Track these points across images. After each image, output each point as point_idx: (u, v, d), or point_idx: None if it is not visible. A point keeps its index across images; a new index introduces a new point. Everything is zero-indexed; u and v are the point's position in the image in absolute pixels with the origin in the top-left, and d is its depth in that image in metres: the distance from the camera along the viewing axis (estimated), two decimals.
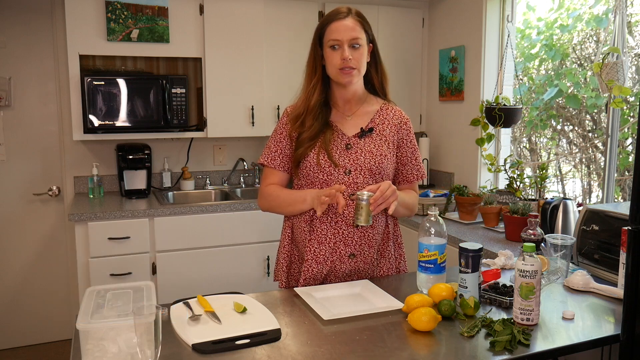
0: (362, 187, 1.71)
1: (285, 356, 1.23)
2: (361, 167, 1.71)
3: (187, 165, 3.59)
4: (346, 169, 1.71)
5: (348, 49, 1.67)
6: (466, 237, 2.53)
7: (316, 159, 1.71)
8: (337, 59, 1.68)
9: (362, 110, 1.79)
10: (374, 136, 1.76)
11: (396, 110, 1.84)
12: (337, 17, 1.69)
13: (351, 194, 1.70)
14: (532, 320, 1.37)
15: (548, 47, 3.35)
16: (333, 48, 1.68)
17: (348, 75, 1.69)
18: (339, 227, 1.71)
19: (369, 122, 1.78)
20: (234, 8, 3.25)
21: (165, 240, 2.93)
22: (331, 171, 1.71)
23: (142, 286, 1.37)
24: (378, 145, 1.75)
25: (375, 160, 1.72)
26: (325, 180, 1.71)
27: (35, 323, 3.43)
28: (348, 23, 1.68)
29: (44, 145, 3.36)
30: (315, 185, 1.73)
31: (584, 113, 3.34)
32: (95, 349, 1.16)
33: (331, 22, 1.69)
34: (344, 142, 1.74)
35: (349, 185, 1.71)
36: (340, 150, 1.72)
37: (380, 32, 3.60)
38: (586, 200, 3.31)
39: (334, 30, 1.68)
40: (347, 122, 1.77)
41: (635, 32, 2.97)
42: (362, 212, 1.55)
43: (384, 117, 1.80)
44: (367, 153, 1.73)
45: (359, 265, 1.75)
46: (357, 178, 1.71)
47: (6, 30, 3.19)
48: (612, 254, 1.76)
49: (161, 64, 3.42)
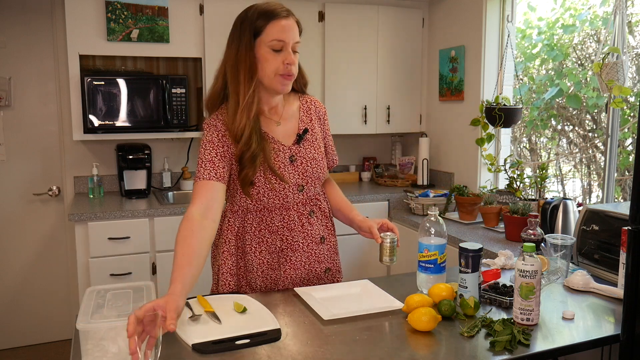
0: (315, 200, 1.69)
1: (285, 356, 1.23)
2: (312, 179, 1.65)
3: (187, 165, 3.59)
4: (299, 185, 1.63)
5: (291, 52, 1.51)
6: (466, 237, 2.53)
7: (265, 180, 1.56)
8: (277, 62, 1.50)
9: (287, 113, 1.66)
10: (309, 137, 1.66)
11: (315, 102, 1.74)
12: (281, 14, 1.50)
13: (310, 211, 1.68)
14: (532, 320, 1.37)
15: (549, 47, 3.35)
16: (274, 50, 1.50)
17: (287, 83, 1.54)
18: (310, 248, 1.68)
19: (300, 123, 1.67)
20: (234, 8, 3.20)
21: (165, 240, 2.92)
22: (287, 192, 1.61)
23: (142, 286, 1.37)
24: (316, 147, 1.67)
25: (319, 166, 1.66)
26: (283, 205, 1.62)
27: (35, 323, 3.43)
28: (292, 23, 1.52)
29: (44, 145, 3.36)
30: (272, 211, 1.62)
31: (584, 113, 3.34)
32: (95, 349, 1.16)
33: (274, 19, 1.49)
34: (287, 154, 1.61)
35: (304, 204, 1.66)
36: (286, 167, 1.61)
37: (380, 32, 3.60)
38: (586, 200, 3.31)
39: (279, 29, 1.49)
40: (279, 129, 1.63)
41: (636, 32, 2.97)
42: (394, 252, 1.61)
43: (308, 112, 1.70)
44: (312, 161, 1.64)
45: (334, 275, 1.77)
46: (309, 192, 1.67)
47: (6, 30, 3.19)
48: (612, 254, 1.76)
49: (161, 64, 3.42)
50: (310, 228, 1.68)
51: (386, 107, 3.68)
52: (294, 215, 1.66)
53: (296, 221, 1.66)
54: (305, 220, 1.68)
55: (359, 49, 3.55)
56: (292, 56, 1.51)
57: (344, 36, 3.50)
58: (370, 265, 3.26)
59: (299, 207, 1.67)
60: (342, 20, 3.50)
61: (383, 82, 3.66)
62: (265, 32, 1.50)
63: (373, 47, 3.60)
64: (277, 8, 1.51)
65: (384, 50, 3.64)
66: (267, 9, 1.51)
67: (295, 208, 1.66)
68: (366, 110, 3.61)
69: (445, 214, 2.99)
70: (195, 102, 3.45)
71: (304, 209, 1.67)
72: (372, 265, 3.25)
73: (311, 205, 1.69)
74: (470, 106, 3.34)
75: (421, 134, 3.77)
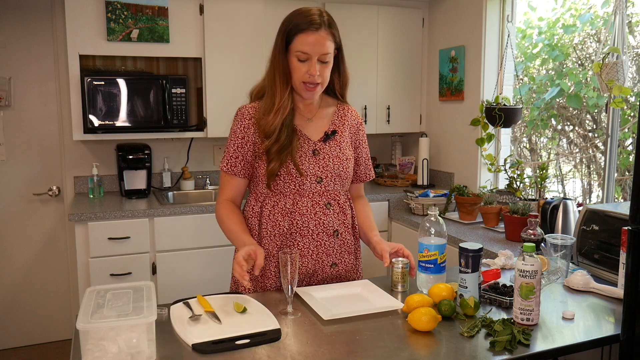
0: (334, 194, 1.71)
1: (285, 356, 1.23)
2: (331, 174, 1.68)
3: (187, 165, 3.59)
4: (317, 177, 1.67)
5: (316, 63, 1.57)
6: (466, 237, 2.53)
7: (286, 169, 1.64)
8: (302, 71, 1.58)
9: (321, 112, 1.74)
10: (337, 138, 1.72)
11: (352, 111, 1.81)
12: (310, 28, 1.55)
13: (327, 202, 1.69)
14: (532, 320, 1.37)
15: (549, 46, 3.35)
16: (300, 60, 1.58)
17: (311, 91, 1.62)
18: (320, 238, 1.69)
19: (330, 124, 1.73)
20: (234, 8, 3.25)
21: (165, 240, 2.92)
22: (303, 181, 1.66)
23: (142, 286, 1.37)
24: (342, 148, 1.72)
25: (342, 165, 1.70)
26: (298, 191, 1.67)
27: (35, 323, 3.43)
28: (321, 36, 1.56)
29: (44, 145, 3.36)
30: (287, 196, 1.67)
31: (584, 113, 3.33)
32: (95, 349, 1.16)
33: (302, 32, 1.56)
34: (311, 148, 1.68)
35: (321, 195, 1.69)
36: (308, 157, 1.67)
37: (380, 32, 3.60)
38: (586, 200, 3.31)
39: (304, 42, 1.56)
40: (309, 125, 1.71)
41: (636, 32, 2.97)
42: (405, 278, 1.64)
43: (342, 118, 1.76)
44: (335, 158, 1.69)
45: (340, 273, 1.76)
46: (328, 186, 1.69)
47: (6, 31, 3.20)
48: (612, 254, 1.76)
49: (161, 64, 3.42)
50: (324, 218, 1.69)
51: (386, 107, 3.68)
52: (307, 202, 1.67)
53: (309, 208, 1.68)
54: (319, 209, 1.69)
55: (359, 49, 3.55)
56: (314, 68, 1.57)
57: (343, 36, 3.48)
58: (370, 266, 3.25)
59: (315, 196, 1.68)
60: (342, 20, 3.49)
61: (383, 82, 3.66)
62: (294, 42, 1.57)
63: (373, 47, 3.60)
64: (311, 19, 1.56)
65: (384, 50, 3.64)
66: (301, 21, 1.57)
67: (310, 196, 1.68)
68: (366, 110, 3.61)
69: (445, 214, 2.99)
70: (195, 102, 3.45)
71: (319, 199, 1.69)
72: (372, 265, 3.24)
73: (328, 198, 1.70)
74: (470, 106, 3.34)
75: (421, 134, 3.77)
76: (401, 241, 1.69)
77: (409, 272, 1.65)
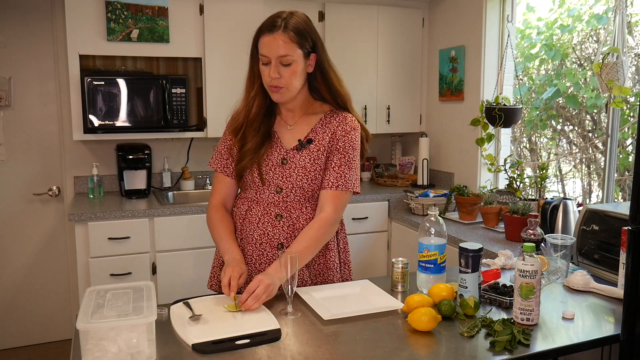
0: (290, 206, 1.66)
1: (285, 356, 1.23)
2: (292, 185, 1.65)
3: (187, 165, 3.59)
4: (277, 186, 1.65)
5: (276, 66, 1.55)
6: (466, 237, 2.53)
7: (250, 175, 1.65)
8: (266, 74, 1.58)
9: (305, 119, 1.68)
10: (312, 148, 1.65)
11: (343, 118, 1.67)
12: (267, 30, 1.54)
13: (278, 214, 1.66)
14: (532, 320, 1.37)
15: (548, 47, 3.35)
16: (263, 63, 1.58)
17: (276, 93, 1.60)
18: (264, 249, 1.67)
19: (309, 132, 1.67)
20: (234, 8, 3.25)
21: (165, 240, 2.92)
22: (264, 190, 1.66)
23: (142, 286, 1.37)
24: (315, 158, 1.65)
25: (307, 178, 1.65)
26: (255, 199, 1.68)
27: (35, 323, 3.43)
28: (276, 38, 1.53)
29: (44, 145, 3.36)
30: (249, 201, 1.69)
31: (584, 113, 3.34)
32: (95, 349, 1.16)
33: (262, 35, 1.56)
34: (280, 156, 1.65)
35: (276, 205, 1.67)
36: (274, 166, 1.65)
37: (380, 32, 3.60)
38: (586, 200, 3.31)
39: (262, 45, 1.56)
40: (288, 132, 1.68)
41: (635, 32, 2.97)
42: (405, 278, 1.65)
43: (325, 126, 1.67)
44: (301, 169, 1.64)
45: None
46: (287, 196, 1.66)
47: (6, 31, 3.19)
48: (612, 254, 1.76)
49: (161, 64, 3.42)
50: (270, 229, 1.67)
51: (386, 107, 3.68)
52: (259, 211, 1.68)
53: (259, 217, 1.68)
54: (268, 220, 1.67)
55: (358, 49, 3.55)
56: (273, 70, 1.55)
57: (344, 36, 3.50)
58: (370, 266, 3.26)
59: (269, 206, 1.67)
60: (342, 20, 3.50)
61: (383, 82, 3.66)
62: (258, 46, 1.59)
63: (373, 47, 3.60)
64: (271, 22, 1.56)
65: (384, 50, 3.64)
66: (264, 24, 1.57)
67: (265, 205, 1.68)
68: (366, 110, 3.61)
69: (445, 214, 2.99)
70: (195, 102, 3.45)
71: (273, 210, 1.67)
72: (372, 265, 3.25)
73: (282, 209, 1.67)
74: (470, 106, 3.34)
75: (421, 134, 3.77)
76: (401, 241, 1.69)
77: (408, 271, 1.65)
